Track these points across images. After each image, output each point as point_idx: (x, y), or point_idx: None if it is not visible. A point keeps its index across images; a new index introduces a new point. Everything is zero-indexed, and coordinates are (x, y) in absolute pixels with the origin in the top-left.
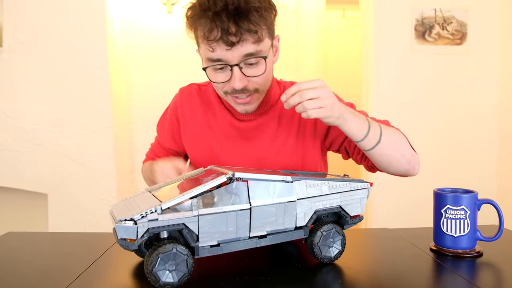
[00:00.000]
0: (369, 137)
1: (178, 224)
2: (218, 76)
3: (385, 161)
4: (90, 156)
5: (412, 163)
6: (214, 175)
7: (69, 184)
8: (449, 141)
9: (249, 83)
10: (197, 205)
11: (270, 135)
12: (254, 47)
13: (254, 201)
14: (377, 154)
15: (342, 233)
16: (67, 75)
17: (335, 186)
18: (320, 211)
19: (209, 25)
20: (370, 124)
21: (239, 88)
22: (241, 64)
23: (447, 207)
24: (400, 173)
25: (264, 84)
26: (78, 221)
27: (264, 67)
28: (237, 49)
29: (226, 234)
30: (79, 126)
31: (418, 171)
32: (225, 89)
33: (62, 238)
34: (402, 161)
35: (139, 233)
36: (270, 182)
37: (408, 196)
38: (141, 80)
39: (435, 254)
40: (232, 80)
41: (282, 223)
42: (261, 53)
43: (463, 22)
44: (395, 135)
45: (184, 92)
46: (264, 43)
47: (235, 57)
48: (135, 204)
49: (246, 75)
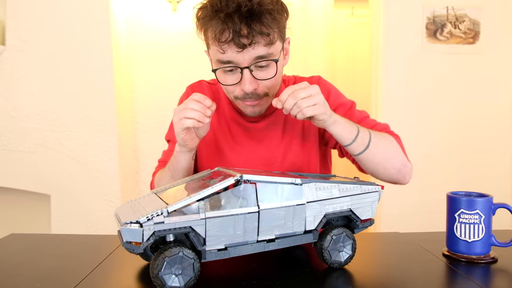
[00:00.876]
0: (357, 142)
1: (184, 227)
2: (228, 78)
3: (373, 167)
4: (94, 157)
5: (403, 173)
6: (221, 177)
7: (73, 185)
8: (462, 142)
9: (259, 87)
10: (204, 207)
11: (277, 135)
12: (265, 49)
13: (262, 204)
14: (364, 160)
15: (353, 237)
16: (71, 74)
17: (345, 189)
18: (330, 214)
19: (221, 27)
20: (360, 130)
21: (249, 91)
22: (251, 66)
23: (461, 211)
24: (388, 180)
25: (273, 87)
26: (82, 223)
27: (275, 70)
28: (248, 52)
29: (233, 238)
30: (83, 126)
31: (409, 181)
32: (235, 94)
33: (66, 240)
34: (390, 170)
35: (144, 236)
36: (279, 184)
37: (419, 200)
38: (146, 79)
39: (448, 260)
40: (242, 82)
41: (291, 227)
42: (272, 56)
43: (476, 20)
44: (385, 143)
45: (196, 88)
46: (276, 46)
47: (246, 59)
48: (141, 206)
49: (256, 78)
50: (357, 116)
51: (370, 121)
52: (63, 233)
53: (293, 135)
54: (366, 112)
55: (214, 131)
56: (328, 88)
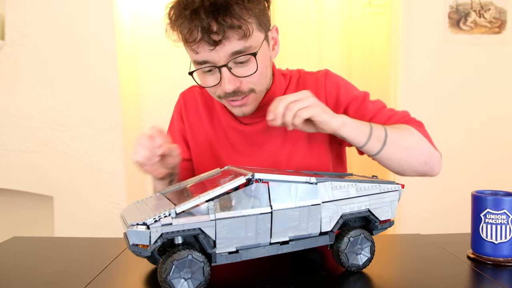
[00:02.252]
0: (372, 141)
1: (193, 229)
2: (207, 79)
3: (395, 165)
4: (98, 156)
5: (430, 164)
6: (232, 176)
7: (76, 186)
8: (487, 139)
9: (242, 84)
10: (214, 208)
11: (280, 136)
12: (241, 44)
13: (275, 204)
14: (384, 159)
15: (371, 239)
16: (74, 70)
17: (363, 188)
18: (347, 215)
19: (188, 26)
20: (373, 127)
21: (230, 91)
22: (229, 64)
23: (487, 211)
24: (415, 175)
25: (260, 83)
26: (86, 225)
27: (255, 65)
28: (221, 49)
29: (245, 240)
30: (87, 124)
31: (439, 172)
32: (217, 93)
33: (69, 243)
34: (415, 164)
35: (152, 239)
36: (293, 183)
37: (442, 199)
38: (152, 75)
39: (473, 263)
40: (222, 82)
41: (306, 228)
42: (251, 50)
43: (502, 8)
44: (404, 137)
45: (187, 96)
46: (254, 38)
47: (221, 57)
48: (148, 207)
49: (236, 75)
50: (372, 109)
51: (386, 112)
52: (66, 236)
53: (298, 136)
54: (381, 102)
55: (211, 141)
56: (337, 82)
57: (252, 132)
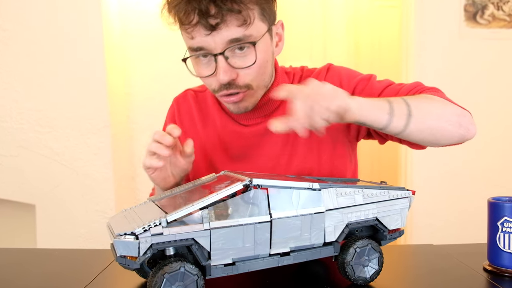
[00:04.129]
0: (395, 117)
1: (186, 239)
2: (202, 69)
3: (428, 136)
4: (84, 161)
5: (464, 125)
6: (228, 181)
7: (60, 193)
8: (506, 142)
9: (239, 77)
10: (208, 217)
11: (280, 139)
12: (240, 31)
13: (275, 212)
14: (414, 133)
15: (379, 250)
16: (57, 66)
17: (370, 194)
18: (353, 224)
19: (185, 7)
20: (390, 101)
21: (224, 82)
22: (226, 52)
23: (505, 219)
24: (452, 142)
25: (258, 78)
26: (71, 236)
27: (253, 56)
28: (219, 34)
29: (242, 251)
30: (71, 126)
31: (475, 132)
32: (212, 87)
33: (53, 255)
34: (449, 128)
35: (141, 250)
36: (294, 190)
37: (457, 206)
38: (143, 72)
39: (490, 275)
40: (217, 72)
41: (309, 238)
42: (250, 39)
43: None
44: (428, 103)
45: (181, 101)
46: (255, 27)
47: (217, 43)
48: (137, 215)
49: (233, 66)
50: (378, 87)
51: (395, 87)
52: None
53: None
54: (388, 80)
55: (204, 147)
56: (339, 73)
57: (250, 135)
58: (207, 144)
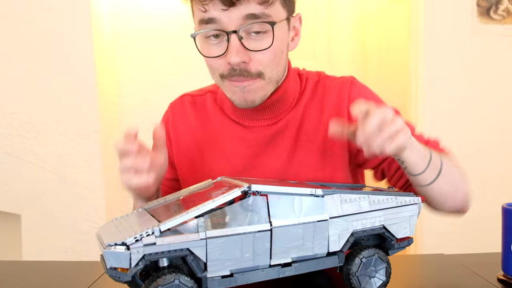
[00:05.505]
0: (430, 168)
1: (181, 250)
2: (211, 48)
3: (440, 199)
4: (73, 168)
5: (468, 201)
6: (225, 188)
7: (47, 202)
8: None
9: (251, 62)
10: (204, 225)
11: (288, 146)
12: (259, 8)
13: (275, 220)
14: (434, 191)
15: (387, 260)
16: (44, 67)
17: (377, 201)
18: (358, 232)
19: None
20: (431, 152)
21: (235, 62)
22: (241, 31)
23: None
24: (452, 211)
25: (271, 66)
26: (59, 247)
27: (270, 38)
28: (236, 9)
29: (241, 262)
30: (59, 131)
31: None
32: (221, 70)
33: (40, 268)
34: (458, 199)
35: (132, 261)
36: (296, 196)
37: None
38: (135, 72)
39: (504, 286)
40: (229, 51)
41: (311, 248)
42: (269, 19)
43: None
44: (454, 167)
45: (177, 107)
46: (275, 9)
47: (233, 19)
48: (128, 225)
49: (247, 48)
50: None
51: (419, 137)
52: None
53: (311, 147)
54: (411, 124)
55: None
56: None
57: (254, 142)
58: (206, 151)
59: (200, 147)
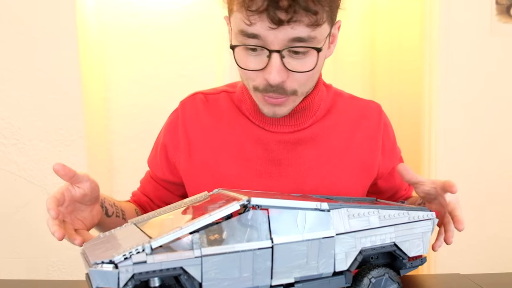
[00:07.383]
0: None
1: (174, 268)
2: (250, 60)
3: None
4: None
5: None
6: (222, 201)
7: (27, 215)
8: None
9: (288, 80)
10: (199, 242)
11: (311, 158)
12: (307, 31)
13: (277, 236)
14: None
15: (398, 281)
16: (23, 67)
17: (388, 216)
18: (367, 250)
19: None
20: None
21: (274, 83)
22: (284, 51)
23: None
24: None
25: (306, 85)
26: (40, 265)
27: (314, 61)
28: (284, 30)
29: (239, 282)
30: (40, 137)
31: None
32: (255, 84)
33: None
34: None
35: (121, 281)
36: (299, 210)
37: (487, 230)
38: (123, 74)
39: None
40: (268, 69)
41: (316, 267)
42: (315, 42)
43: None
44: None
45: (188, 105)
46: (322, 29)
47: (279, 39)
48: (116, 241)
49: (287, 68)
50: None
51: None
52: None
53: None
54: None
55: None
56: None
57: (276, 144)
58: (220, 153)
59: (213, 149)
